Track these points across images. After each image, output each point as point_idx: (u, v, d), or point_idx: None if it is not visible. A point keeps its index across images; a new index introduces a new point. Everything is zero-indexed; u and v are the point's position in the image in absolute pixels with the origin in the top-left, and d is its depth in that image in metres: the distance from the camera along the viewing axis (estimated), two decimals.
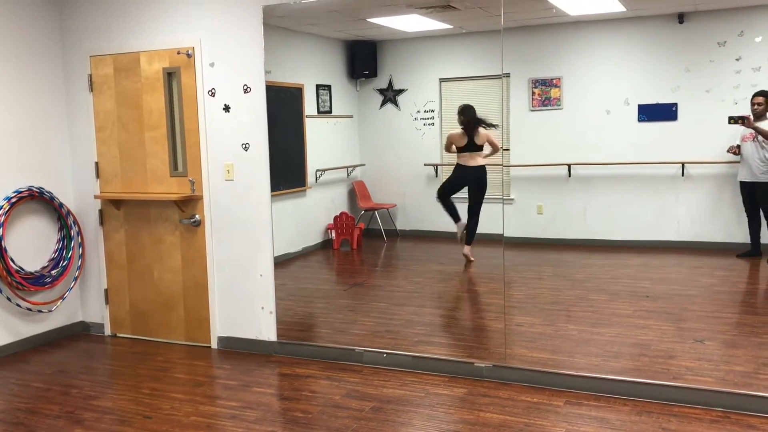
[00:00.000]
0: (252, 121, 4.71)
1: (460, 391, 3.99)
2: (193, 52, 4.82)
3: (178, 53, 4.86)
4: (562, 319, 5.23)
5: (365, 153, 9.33)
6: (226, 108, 4.78)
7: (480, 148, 7.11)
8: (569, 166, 8.22)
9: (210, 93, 4.81)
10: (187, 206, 4.97)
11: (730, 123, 6.80)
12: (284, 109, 7.70)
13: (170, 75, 4.95)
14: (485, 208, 8.19)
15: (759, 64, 7.30)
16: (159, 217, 5.11)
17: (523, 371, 4.10)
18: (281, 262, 6.73)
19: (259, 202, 4.76)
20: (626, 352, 4.43)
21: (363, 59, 8.96)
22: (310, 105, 8.30)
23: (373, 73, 9.03)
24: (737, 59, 7.40)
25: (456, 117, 7.45)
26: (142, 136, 5.09)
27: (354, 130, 9.28)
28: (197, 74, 4.83)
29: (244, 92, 4.71)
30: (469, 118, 7.20)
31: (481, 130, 7.10)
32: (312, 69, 8.43)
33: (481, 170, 7.17)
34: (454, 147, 7.28)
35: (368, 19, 7.48)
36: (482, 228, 7.44)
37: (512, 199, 8.63)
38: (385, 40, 8.96)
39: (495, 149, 7.20)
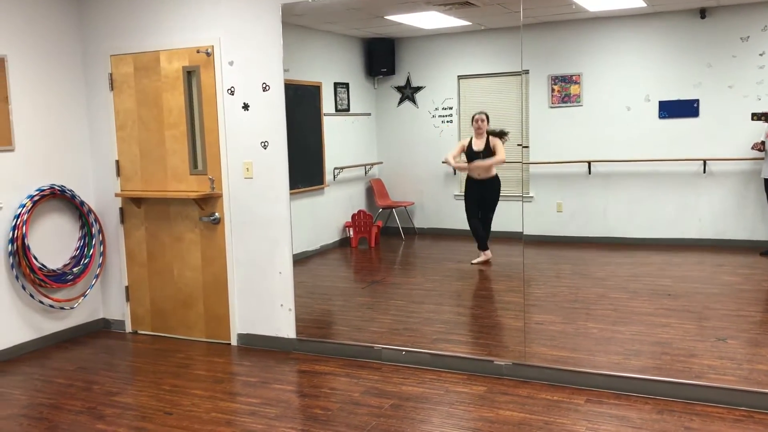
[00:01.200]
0: (270, 119, 4.73)
1: (479, 389, 3.98)
2: (212, 50, 4.84)
3: (198, 52, 4.88)
4: (582, 317, 5.19)
5: (383, 151, 9.32)
6: (245, 106, 4.80)
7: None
8: (589, 163, 8.16)
9: (229, 91, 4.83)
10: (207, 204, 4.99)
11: (753, 120, 6.72)
12: (302, 107, 7.72)
13: (190, 73, 4.98)
14: (504, 206, 8.16)
15: None
16: (179, 215, 5.14)
17: (542, 369, 4.08)
18: (300, 260, 6.76)
19: (277, 200, 4.77)
20: (647, 351, 4.39)
21: (381, 57, 8.95)
22: (328, 103, 8.31)
23: (391, 71, 9.02)
24: (761, 54, 7.30)
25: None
26: (162, 135, 5.12)
27: (372, 128, 9.28)
28: (216, 73, 4.85)
29: (263, 90, 4.73)
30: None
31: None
32: (330, 67, 8.45)
33: (490, 183, 7.04)
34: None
35: (386, 17, 7.47)
36: (502, 226, 7.41)
37: (531, 197, 8.58)
38: (403, 37, 8.94)
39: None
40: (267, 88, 4.71)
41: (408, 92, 9.16)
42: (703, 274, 6.53)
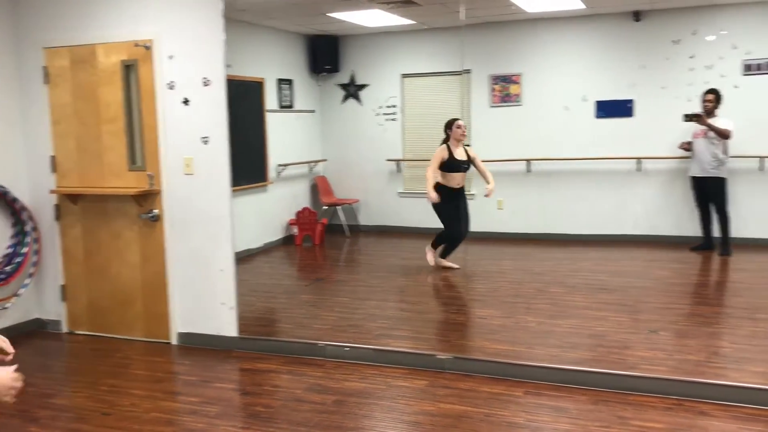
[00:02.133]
0: (212, 114, 4.67)
1: (421, 383, 4.03)
2: (152, 44, 4.75)
3: (136, 45, 4.78)
4: (522, 311, 5.31)
5: (327, 148, 9.32)
6: (186, 101, 4.73)
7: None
8: (528, 161, 8.34)
9: (169, 86, 4.75)
10: (146, 201, 4.90)
11: (685, 120, 6.99)
12: (245, 103, 7.65)
13: (128, 68, 4.88)
14: None
15: (711, 63, 7.50)
16: (117, 211, 5.03)
17: (483, 363, 4.16)
18: (242, 258, 6.71)
19: (219, 197, 4.72)
20: (584, 343, 4.52)
21: (325, 54, 8.94)
22: (271, 99, 8.26)
23: (335, 68, 9.02)
24: (691, 57, 7.59)
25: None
26: (99, 130, 5.00)
27: (316, 125, 9.26)
28: (156, 67, 4.76)
29: (204, 85, 4.66)
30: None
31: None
32: (273, 63, 8.39)
33: (463, 191, 6.69)
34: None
35: (329, 14, 7.47)
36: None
37: (473, 195, 8.71)
38: (347, 35, 8.95)
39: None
40: (208, 83, 4.66)
41: (352, 90, 9.17)
42: (636, 268, 6.76)
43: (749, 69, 7.37)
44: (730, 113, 6.96)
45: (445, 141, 6.52)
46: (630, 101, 7.85)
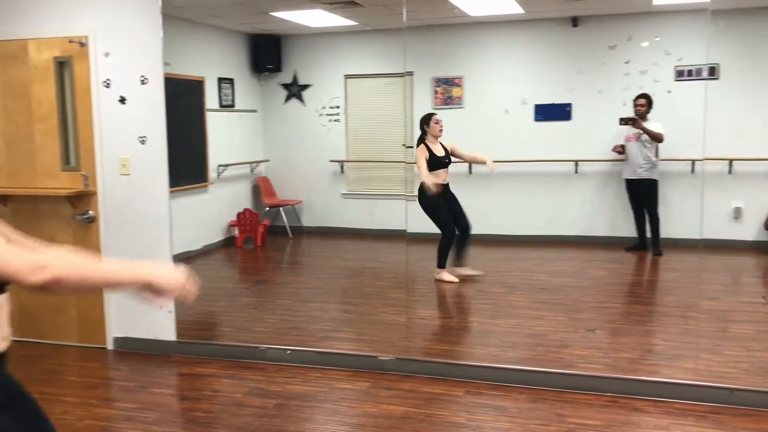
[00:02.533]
0: (149, 113, 4.56)
1: (363, 384, 4.02)
2: (87, 41, 4.61)
3: (71, 42, 4.63)
4: (463, 311, 5.37)
5: (270, 148, 9.22)
6: (122, 100, 4.60)
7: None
8: (470, 163, 8.42)
9: (105, 84, 4.62)
10: (80, 202, 4.75)
11: (621, 124, 7.19)
12: (185, 103, 7.50)
13: (62, 65, 4.71)
14: (390, 205, 8.28)
15: (646, 68, 7.73)
16: (50, 213, 4.86)
17: (425, 363, 4.18)
18: (181, 260, 6.56)
19: (156, 198, 4.61)
20: (523, 342, 4.60)
21: (267, 53, 8.85)
22: (211, 99, 8.13)
23: (278, 68, 8.94)
24: (626, 62, 7.81)
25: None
26: (31, 128, 4.82)
27: (258, 125, 9.15)
28: (91, 64, 4.62)
29: (141, 84, 4.55)
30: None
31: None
32: (214, 62, 8.26)
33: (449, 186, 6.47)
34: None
35: (271, 13, 7.40)
36: (386, 224, 7.52)
37: (415, 196, 8.75)
38: (289, 34, 8.88)
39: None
40: (146, 81, 4.54)
41: (295, 90, 9.11)
42: (574, 268, 6.92)
43: (681, 75, 7.63)
44: (663, 117, 7.18)
45: (422, 139, 6.29)
46: (568, 105, 8.03)
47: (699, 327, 4.82)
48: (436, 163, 6.19)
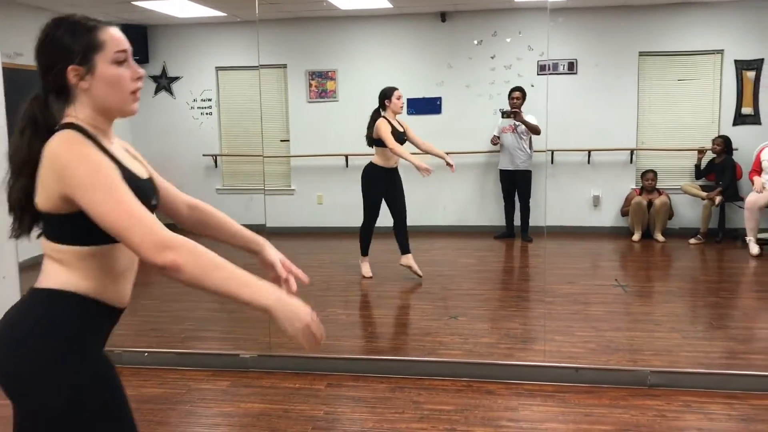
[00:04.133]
0: None
1: (223, 384, 3.94)
2: None
3: None
4: (333, 304, 5.37)
5: (138, 143, 8.70)
6: None
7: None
8: (347, 156, 8.45)
9: None
10: None
11: (503, 117, 7.45)
12: None
13: None
14: (269, 201, 8.16)
15: (510, 63, 8.02)
16: None
17: (287, 359, 4.15)
18: (31, 265, 6.17)
19: None
20: (388, 332, 4.67)
21: (133, 44, 8.24)
22: None
23: (145, 59, 8.59)
24: (492, 57, 8.07)
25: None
26: None
27: (124, 118, 8.75)
28: None
29: None
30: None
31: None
32: None
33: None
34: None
35: (134, 2, 7.09)
36: (262, 219, 7.38)
37: (293, 190, 8.70)
38: (157, 24, 8.55)
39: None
40: None
41: (164, 82, 8.79)
42: (445, 257, 7.09)
43: (543, 69, 7.97)
44: (527, 111, 7.48)
45: (378, 113, 5.96)
46: (438, 99, 8.20)
47: (555, 310, 5.07)
48: (397, 137, 5.80)
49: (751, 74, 7.66)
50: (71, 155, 1.53)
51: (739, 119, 7.73)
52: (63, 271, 1.63)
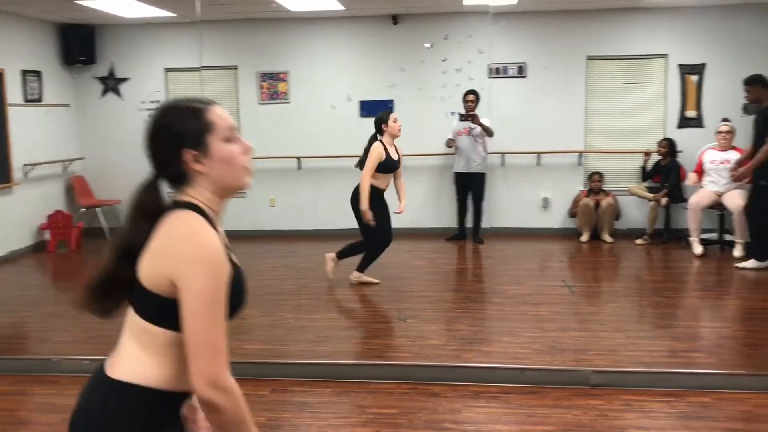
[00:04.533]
0: None
1: None
2: None
3: None
4: (282, 308, 5.31)
5: (85, 145, 8.67)
6: None
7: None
8: (299, 159, 8.40)
9: None
10: None
11: (461, 120, 7.49)
12: None
13: None
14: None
15: (461, 66, 8.08)
16: None
17: (233, 364, 4.06)
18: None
19: None
20: (337, 336, 4.64)
21: (79, 44, 8.30)
22: (14, 92, 7.50)
23: (91, 60, 8.41)
24: (443, 60, 8.12)
25: None
26: None
27: (71, 120, 8.57)
28: None
29: None
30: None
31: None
32: (16, 53, 7.61)
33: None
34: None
35: (78, 2, 6.92)
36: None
37: (245, 192, 8.59)
38: (104, 24, 8.38)
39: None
40: None
41: (112, 84, 8.62)
42: (398, 260, 7.05)
43: (494, 72, 8.04)
44: (479, 113, 7.52)
45: (375, 138, 5.77)
46: (391, 101, 8.20)
47: (503, 311, 5.12)
48: (389, 166, 5.67)
49: (694, 78, 7.85)
50: (198, 253, 1.49)
51: (684, 122, 7.92)
52: (142, 359, 1.59)
